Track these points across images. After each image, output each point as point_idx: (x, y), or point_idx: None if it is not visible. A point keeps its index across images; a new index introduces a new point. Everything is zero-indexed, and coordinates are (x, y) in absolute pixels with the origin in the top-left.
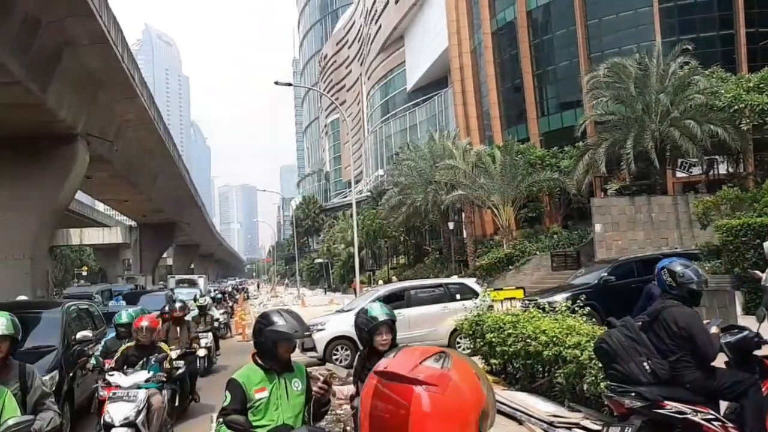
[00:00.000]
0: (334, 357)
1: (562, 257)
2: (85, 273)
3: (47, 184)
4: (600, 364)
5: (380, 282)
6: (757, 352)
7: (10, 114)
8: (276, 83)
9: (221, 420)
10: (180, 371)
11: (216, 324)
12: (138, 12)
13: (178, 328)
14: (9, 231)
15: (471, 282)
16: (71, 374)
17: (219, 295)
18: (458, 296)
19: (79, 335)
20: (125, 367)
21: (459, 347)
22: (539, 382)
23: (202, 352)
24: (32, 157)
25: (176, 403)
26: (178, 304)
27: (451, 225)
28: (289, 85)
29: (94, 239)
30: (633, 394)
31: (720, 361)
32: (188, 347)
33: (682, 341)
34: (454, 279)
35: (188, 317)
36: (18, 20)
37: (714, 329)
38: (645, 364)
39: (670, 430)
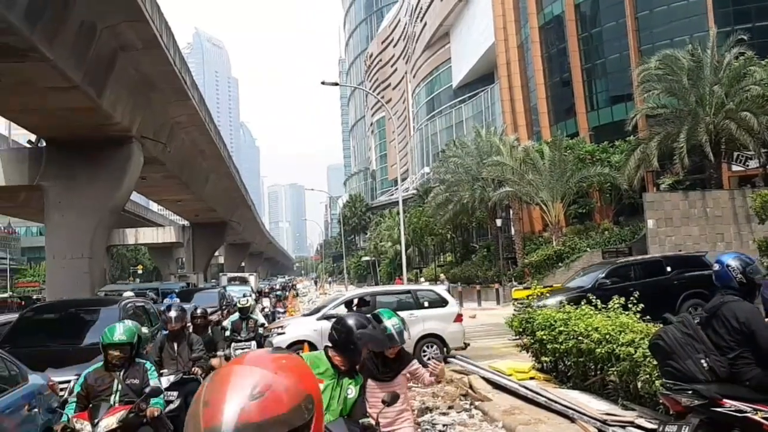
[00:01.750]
0: None
1: (613, 254)
2: (140, 271)
3: (104, 185)
4: (655, 362)
5: (423, 280)
6: None
7: (68, 118)
8: (322, 83)
9: None
10: (172, 405)
11: (261, 330)
12: (188, 16)
13: (175, 345)
14: (68, 231)
15: (440, 289)
16: None
17: (279, 292)
18: (426, 304)
19: None
20: None
21: (425, 356)
22: (591, 380)
23: None
24: (89, 159)
25: None
26: (172, 313)
27: (498, 222)
28: (336, 84)
29: (149, 239)
30: (690, 392)
31: None
32: (187, 372)
33: (742, 337)
34: (425, 286)
35: (222, 323)
36: (75, 27)
37: None
38: (703, 361)
39: (729, 430)
